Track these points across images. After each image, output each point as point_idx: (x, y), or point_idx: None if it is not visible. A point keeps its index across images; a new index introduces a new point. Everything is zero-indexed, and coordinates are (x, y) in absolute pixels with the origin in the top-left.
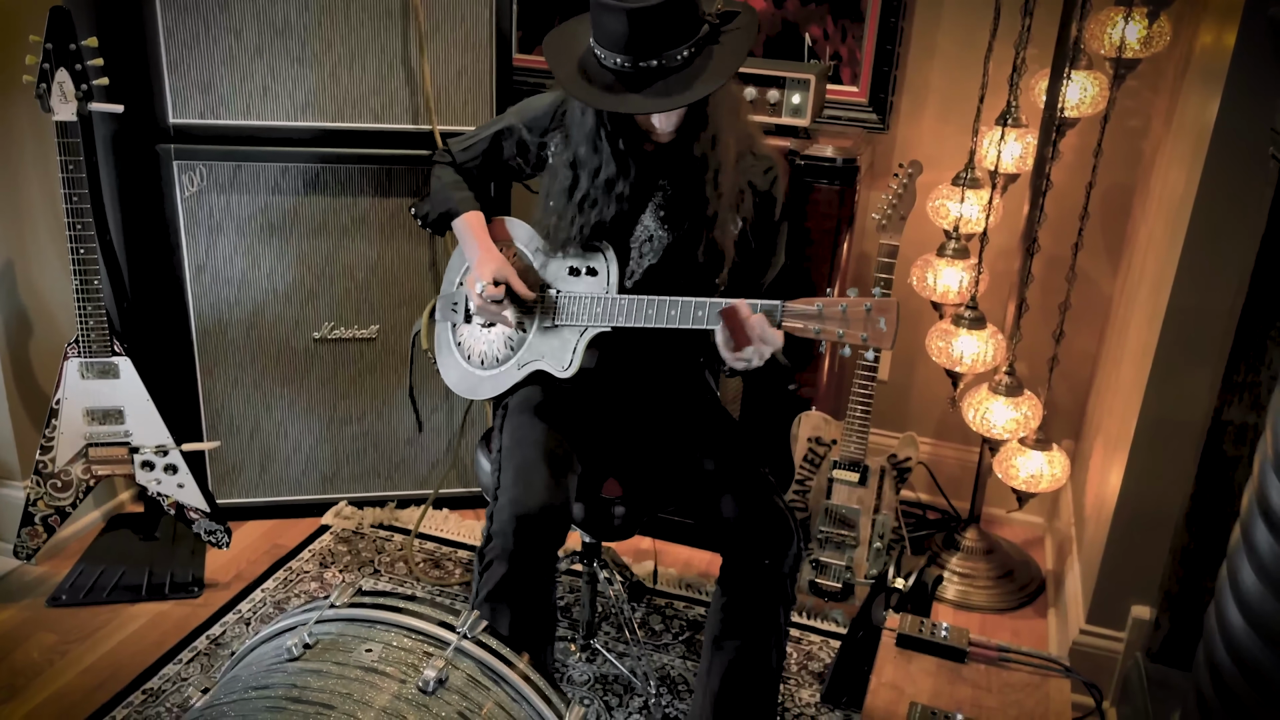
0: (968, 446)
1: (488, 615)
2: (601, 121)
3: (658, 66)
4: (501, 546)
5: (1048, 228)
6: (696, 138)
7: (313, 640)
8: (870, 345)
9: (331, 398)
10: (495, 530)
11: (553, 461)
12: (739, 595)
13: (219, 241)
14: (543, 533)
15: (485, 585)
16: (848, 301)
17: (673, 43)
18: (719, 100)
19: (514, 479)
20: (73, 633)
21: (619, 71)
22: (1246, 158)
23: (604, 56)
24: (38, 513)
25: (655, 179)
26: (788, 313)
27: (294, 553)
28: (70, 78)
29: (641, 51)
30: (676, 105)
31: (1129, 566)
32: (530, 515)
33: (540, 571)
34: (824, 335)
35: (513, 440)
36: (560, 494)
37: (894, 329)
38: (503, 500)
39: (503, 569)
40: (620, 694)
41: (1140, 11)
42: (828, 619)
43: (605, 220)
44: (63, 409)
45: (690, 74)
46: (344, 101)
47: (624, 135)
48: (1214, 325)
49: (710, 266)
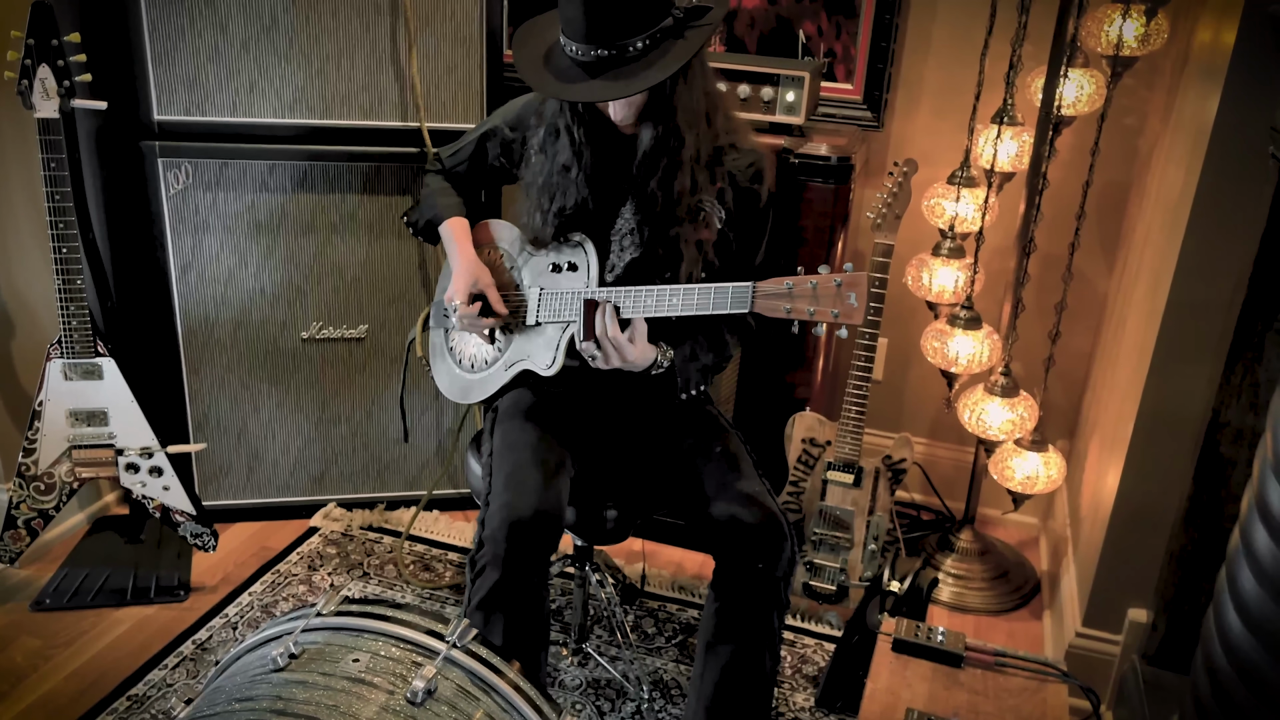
0: (962, 447)
1: (480, 623)
2: (563, 110)
3: (612, 55)
4: (493, 553)
5: (1043, 226)
6: (658, 132)
7: (299, 650)
8: (841, 321)
9: (320, 398)
10: (487, 536)
11: (544, 465)
12: (732, 599)
13: (205, 240)
14: (536, 538)
15: (478, 592)
16: (818, 279)
17: (629, 32)
18: (682, 96)
19: (505, 484)
20: (57, 637)
21: (576, 60)
22: (1246, 156)
23: (566, 45)
24: (21, 516)
25: (631, 172)
26: (759, 293)
27: (282, 555)
28: (52, 74)
29: (598, 39)
30: (616, 95)
31: (1125, 569)
32: (523, 521)
33: (533, 577)
34: (795, 314)
35: (504, 445)
36: (553, 498)
37: (864, 304)
38: (494, 506)
39: (495, 575)
40: (613, 698)
41: (1138, 9)
42: (822, 622)
43: (567, 206)
44: (45, 410)
45: (644, 65)
46: (332, 98)
47: (586, 124)
48: (1212, 324)
49: (674, 263)
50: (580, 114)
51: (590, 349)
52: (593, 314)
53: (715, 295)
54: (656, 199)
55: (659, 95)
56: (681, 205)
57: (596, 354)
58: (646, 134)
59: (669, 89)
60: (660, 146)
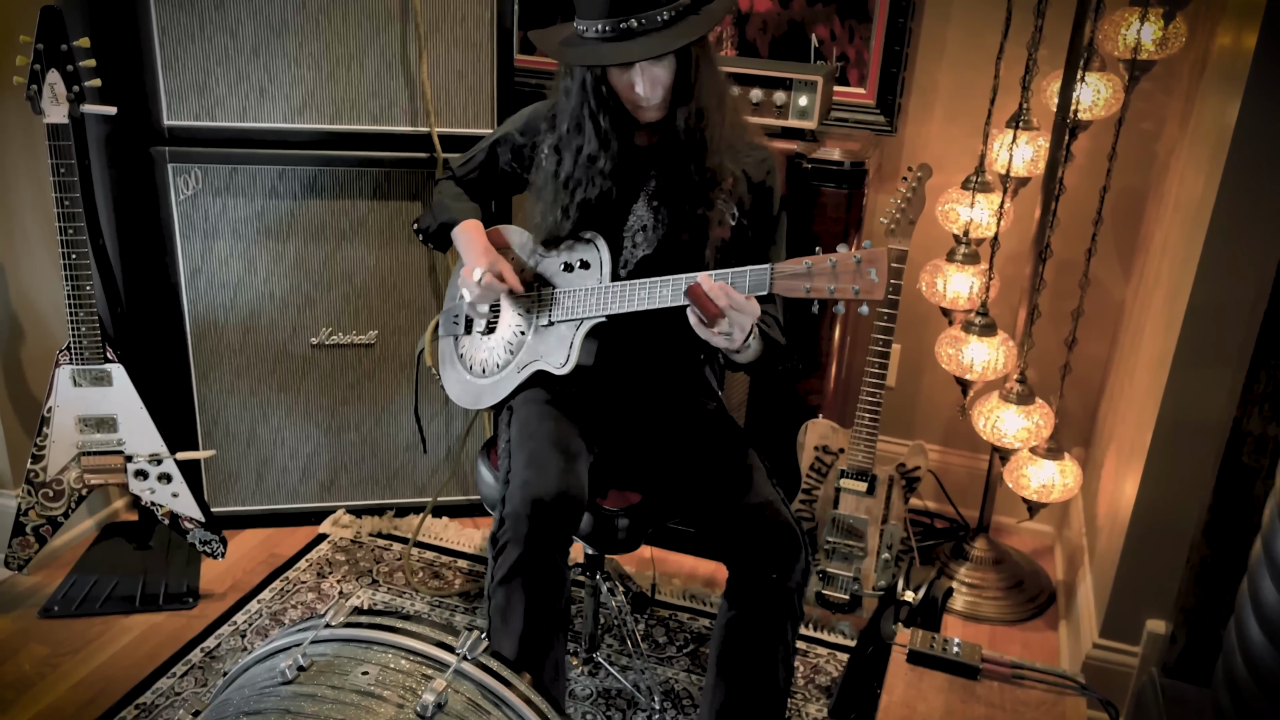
0: (976, 454)
1: (502, 600)
2: (585, 99)
3: (638, 27)
4: (515, 530)
5: (1059, 232)
6: (690, 110)
7: (307, 662)
8: (863, 297)
9: (329, 404)
10: (508, 513)
11: (565, 450)
12: (745, 610)
13: (214, 246)
14: (557, 517)
15: (499, 569)
16: (837, 257)
17: (651, 4)
18: (704, 80)
19: (526, 463)
20: (65, 645)
21: (600, 37)
22: (1268, 160)
23: (586, 29)
24: (29, 522)
25: (646, 167)
26: (777, 274)
27: (291, 562)
28: (62, 79)
29: (623, 10)
30: (650, 53)
31: (1144, 579)
32: (545, 499)
33: (555, 555)
34: (815, 293)
35: (522, 433)
36: (574, 481)
37: (885, 279)
38: (514, 485)
39: (518, 551)
40: (624, 709)
41: (1156, 12)
42: (835, 631)
43: (590, 199)
44: (54, 417)
45: (669, 33)
46: (342, 103)
47: (609, 114)
48: (1234, 331)
49: (699, 245)
50: (605, 100)
51: (724, 326)
52: (701, 296)
53: (734, 279)
54: (690, 176)
55: (685, 76)
56: (712, 185)
57: (730, 330)
58: (681, 113)
59: (694, 70)
60: (694, 127)
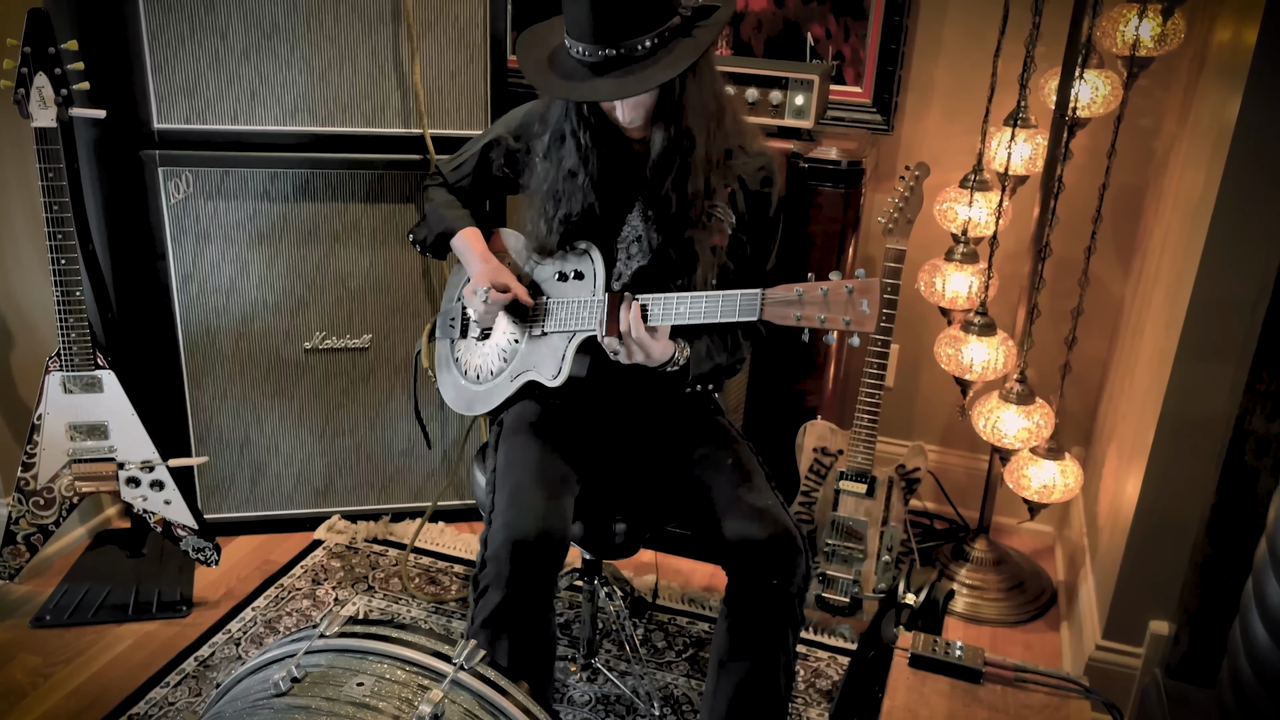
0: (975, 454)
1: (485, 642)
2: (567, 114)
3: (619, 55)
4: (496, 572)
5: (1058, 230)
6: (669, 133)
7: (301, 673)
8: (854, 329)
9: (324, 409)
10: (489, 555)
11: (548, 484)
12: (745, 616)
13: (206, 250)
14: (539, 558)
15: (480, 612)
16: (829, 285)
17: (635, 31)
18: (691, 100)
19: (508, 502)
20: (57, 654)
21: (583, 61)
22: (1269, 156)
23: (571, 47)
24: (20, 531)
25: (639, 178)
26: (768, 300)
27: (286, 569)
28: (49, 82)
29: (604, 38)
30: (625, 94)
31: (1147, 579)
32: (526, 541)
33: (538, 597)
34: (805, 321)
35: (507, 461)
36: (556, 518)
37: (877, 311)
38: (496, 524)
39: (499, 595)
40: (622, 715)
41: (1154, 8)
42: (835, 634)
43: (573, 213)
44: (44, 424)
45: (651, 64)
46: (334, 105)
47: (592, 129)
48: (1235, 329)
49: (689, 268)
50: (586, 118)
51: (613, 344)
52: (617, 308)
53: (724, 303)
54: (670, 202)
55: (668, 96)
56: (695, 208)
57: (619, 349)
58: (659, 136)
59: (678, 90)
60: (673, 148)
